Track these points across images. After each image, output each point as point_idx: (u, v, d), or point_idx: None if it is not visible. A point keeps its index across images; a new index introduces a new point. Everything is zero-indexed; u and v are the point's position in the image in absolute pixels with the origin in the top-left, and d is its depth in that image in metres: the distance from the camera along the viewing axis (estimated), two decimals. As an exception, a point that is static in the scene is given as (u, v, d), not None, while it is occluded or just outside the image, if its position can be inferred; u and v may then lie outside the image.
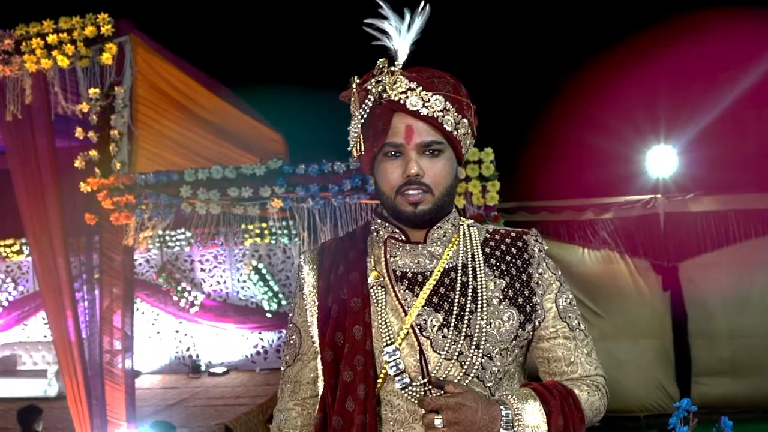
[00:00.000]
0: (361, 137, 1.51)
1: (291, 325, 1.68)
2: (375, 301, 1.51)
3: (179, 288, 9.55)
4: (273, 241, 9.51)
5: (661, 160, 7.82)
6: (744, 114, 8.10)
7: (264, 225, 8.97)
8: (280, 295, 9.46)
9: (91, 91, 5.09)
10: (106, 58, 5.06)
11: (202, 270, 9.85)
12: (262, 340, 9.60)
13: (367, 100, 1.49)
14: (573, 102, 8.43)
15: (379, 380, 1.47)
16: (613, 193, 7.81)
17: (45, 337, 9.49)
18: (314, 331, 1.59)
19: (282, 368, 1.70)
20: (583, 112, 8.50)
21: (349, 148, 1.56)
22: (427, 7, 1.49)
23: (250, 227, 8.97)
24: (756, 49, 8.11)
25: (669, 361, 7.38)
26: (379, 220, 1.61)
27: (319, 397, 1.59)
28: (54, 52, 5.06)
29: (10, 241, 9.71)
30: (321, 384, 1.57)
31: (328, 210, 4.90)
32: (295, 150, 8.97)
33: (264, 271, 9.52)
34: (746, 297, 7.17)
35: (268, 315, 9.40)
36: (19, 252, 9.74)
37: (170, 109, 5.86)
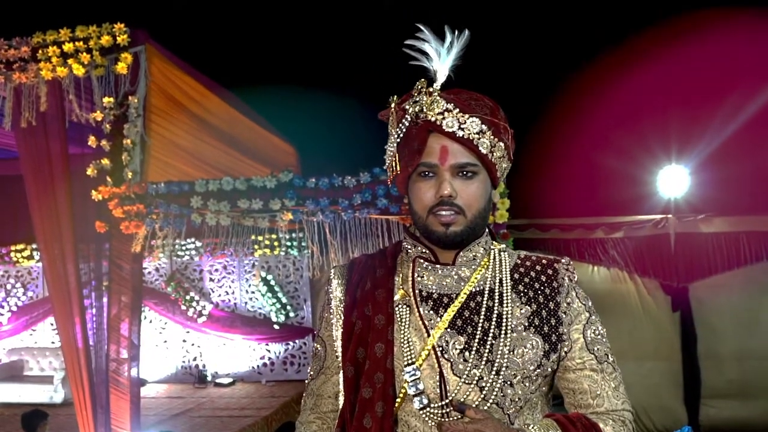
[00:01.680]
0: (397, 156, 1.51)
1: (317, 338, 1.69)
2: (399, 319, 1.50)
3: (187, 297, 9.57)
4: (282, 253, 9.53)
5: (673, 180, 7.79)
6: (759, 133, 8.02)
7: (274, 237, 9.00)
8: (288, 307, 9.47)
9: (105, 99, 5.11)
10: (121, 67, 5.08)
11: (211, 280, 9.87)
12: (268, 351, 9.59)
13: (404, 120, 1.48)
14: (585, 120, 8.39)
15: (398, 399, 1.46)
16: (624, 212, 7.77)
17: (53, 343, 9.53)
18: (338, 346, 1.59)
19: (306, 381, 1.71)
20: (595, 130, 8.46)
21: (384, 167, 1.56)
22: (466, 31, 1.50)
23: (260, 238, 9.00)
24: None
25: (677, 383, 7.32)
26: (410, 240, 1.60)
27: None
28: (70, 61, 5.07)
29: (20, 246, 9.76)
30: (342, 399, 1.57)
31: (337, 224, 4.89)
32: (307, 163, 8.97)
33: (273, 282, 9.54)
34: (756, 319, 7.12)
35: (276, 327, 9.41)
36: (30, 257, 9.79)
37: (183, 119, 5.87)
